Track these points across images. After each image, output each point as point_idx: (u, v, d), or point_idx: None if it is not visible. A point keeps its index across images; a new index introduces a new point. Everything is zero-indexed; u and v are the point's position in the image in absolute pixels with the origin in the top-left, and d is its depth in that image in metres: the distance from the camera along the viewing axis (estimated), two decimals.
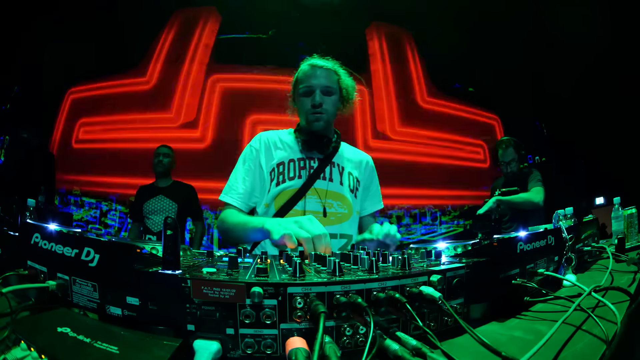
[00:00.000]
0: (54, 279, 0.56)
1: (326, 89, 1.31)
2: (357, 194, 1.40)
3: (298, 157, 1.34)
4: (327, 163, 1.35)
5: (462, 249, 0.81)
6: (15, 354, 0.40)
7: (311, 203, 1.28)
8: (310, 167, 1.33)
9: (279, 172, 1.31)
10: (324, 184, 1.32)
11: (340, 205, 1.33)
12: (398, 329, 0.47)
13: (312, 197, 1.29)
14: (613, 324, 0.52)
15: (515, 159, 2.65)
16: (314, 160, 1.34)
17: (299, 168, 1.32)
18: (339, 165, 1.38)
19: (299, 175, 1.31)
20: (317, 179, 1.31)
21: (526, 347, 0.40)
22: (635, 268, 0.91)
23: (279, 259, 0.77)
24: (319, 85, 1.31)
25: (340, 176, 1.36)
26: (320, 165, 1.33)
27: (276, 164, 1.32)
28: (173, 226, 0.53)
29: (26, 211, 1.11)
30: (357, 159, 1.46)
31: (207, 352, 0.43)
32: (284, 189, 1.29)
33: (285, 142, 1.38)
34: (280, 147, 1.36)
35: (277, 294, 0.45)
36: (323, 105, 1.30)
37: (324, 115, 1.31)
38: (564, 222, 1.12)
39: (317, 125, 1.32)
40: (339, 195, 1.34)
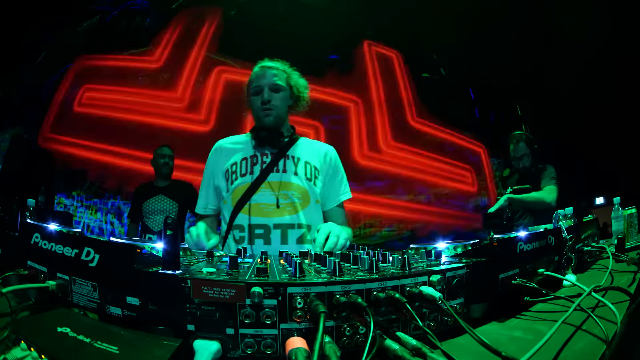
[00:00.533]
0: (54, 279, 0.56)
1: (274, 86, 1.39)
2: (317, 182, 1.40)
3: (250, 155, 1.40)
4: (280, 156, 1.39)
5: (462, 249, 0.81)
6: (15, 354, 0.40)
7: (265, 196, 1.33)
8: (263, 162, 1.38)
9: (232, 172, 1.39)
10: (277, 177, 1.35)
11: (295, 195, 1.34)
12: (398, 329, 0.47)
13: (265, 190, 1.34)
14: (613, 324, 0.52)
15: (527, 154, 2.54)
16: (267, 155, 1.39)
17: (251, 164, 1.38)
18: (293, 157, 1.41)
19: (250, 171, 1.37)
20: (271, 172, 1.35)
21: (526, 347, 0.41)
22: (635, 268, 0.91)
23: (279, 259, 0.77)
24: (267, 83, 1.38)
25: (295, 167, 1.38)
26: (273, 159, 1.38)
27: (230, 165, 1.40)
28: (173, 226, 0.53)
29: (26, 211, 1.11)
30: (317, 150, 1.48)
31: (207, 352, 0.43)
32: (237, 186, 1.35)
33: (239, 144, 1.45)
34: (233, 150, 1.44)
35: (277, 294, 0.45)
36: (272, 102, 1.37)
37: (273, 110, 1.37)
38: (564, 222, 1.12)
39: (268, 120, 1.38)
40: (293, 185, 1.36)
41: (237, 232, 1.34)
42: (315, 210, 1.39)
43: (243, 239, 1.32)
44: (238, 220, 1.33)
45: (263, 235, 1.31)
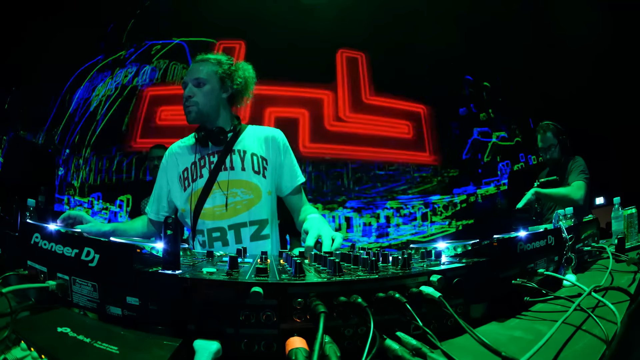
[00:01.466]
0: (54, 279, 0.56)
1: (196, 80, 1.34)
2: (267, 174, 1.36)
3: (198, 158, 1.36)
4: (227, 153, 1.35)
5: (462, 249, 0.81)
6: (15, 354, 0.40)
7: (217, 198, 1.31)
8: (211, 162, 1.35)
9: (184, 178, 1.37)
10: (225, 175, 1.32)
11: (244, 191, 1.32)
12: (398, 329, 0.47)
13: (217, 192, 1.32)
14: (613, 324, 0.52)
15: (554, 145, 2.44)
16: (214, 154, 1.36)
17: (199, 168, 1.35)
18: (239, 151, 1.36)
19: (200, 175, 1.34)
20: (220, 172, 1.33)
21: (526, 347, 0.41)
22: (635, 268, 0.91)
23: (279, 259, 0.77)
24: (190, 79, 1.35)
25: (242, 162, 1.35)
26: (220, 157, 1.34)
27: (182, 171, 1.38)
28: (173, 226, 0.53)
29: (26, 211, 1.11)
30: (262, 137, 1.41)
31: (207, 352, 0.43)
32: (191, 193, 1.33)
33: (186, 148, 1.42)
34: (182, 155, 1.41)
35: (277, 294, 0.45)
36: (193, 98, 1.33)
37: (194, 107, 1.33)
38: (564, 222, 1.12)
39: (189, 118, 1.35)
40: (242, 182, 1.33)
41: (199, 237, 1.34)
42: (268, 203, 1.36)
43: (205, 244, 1.32)
44: (199, 225, 1.33)
45: (220, 238, 1.31)
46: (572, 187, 2.30)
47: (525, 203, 2.30)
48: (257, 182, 1.34)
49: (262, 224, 1.33)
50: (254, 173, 1.34)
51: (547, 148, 2.48)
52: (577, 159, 2.44)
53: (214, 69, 1.37)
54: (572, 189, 2.29)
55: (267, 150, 1.39)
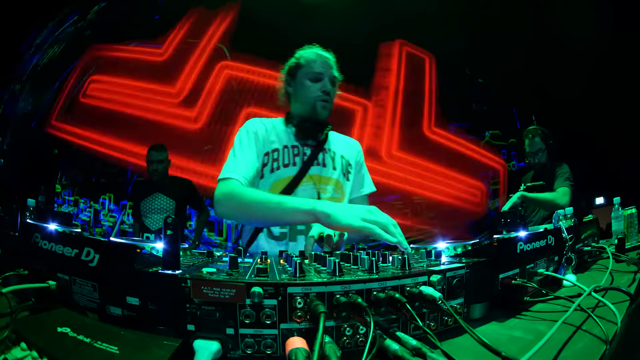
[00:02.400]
0: (54, 279, 0.56)
1: (333, 78, 1.33)
2: (350, 177, 1.39)
3: (292, 144, 1.32)
4: (319, 149, 1.34)
5: (462, 249, 0.81)
6: (15, 354, 0.40)
7: (307, 190, 1.28)
8: (304, 153, 1.32)
9: (274, 159, 1.28)
10: (318, 170, 1.31)
11: (334, 189, 1.32)
12: (398, 329, 0.47)
13: (307, 184, 1.28)
14: (613, 324, 0.52)
15: (542, 149, 2.47)
16: (307, 147, 1.33)
17: (293, 155, 1.30)
18: (330, 150, 1.37)
19: (293, 163, 1.29)
20: (312, 165, 1.30)
21: (526, 347, 0.41)
22: (635, 268, 0.91)
23: (279, 258, 0.77)
24: (328, 73, 1.31)
25: (333, 161, 1.35)
26: (313, 151, 1.32)
27: (271, 150, 1.30)
28: (173, 226, 0.53)
29: (26, 211, 1.11)
30: (346, 142, 1.46)
31: (207, 352, 0.43)
32: (280, 177, 1.27)
33: (277, 129, 1.35)
34: (274, 133, 1.34)
35: (277, 294, 0.45)
36: (331, 94, 1.31)
37: (330, 104, 1.32)
38: (564, 222, 1.12)
39: (324, 113, 1.31)
40: (332, 180, 1.33)
41: (277, 228, 1.27)
42: None
43: (284, 235, 1.26)
44: None
45: (304, 232, 1.24)
46: (557, 192, 2.34)
47: (511, 206, 2.35)
48: (343, 183, 1.36)
49: None
50: (342, 174, 1.36)
51: (535, 152, 2.50)
52: (563, 166, 2.47)
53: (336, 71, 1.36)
54: (558, 194, 2.33)
55: (351, 155, 1.42)
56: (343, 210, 0.88)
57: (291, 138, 1.33)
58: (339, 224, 0.86)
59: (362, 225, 0.82)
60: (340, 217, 0.86)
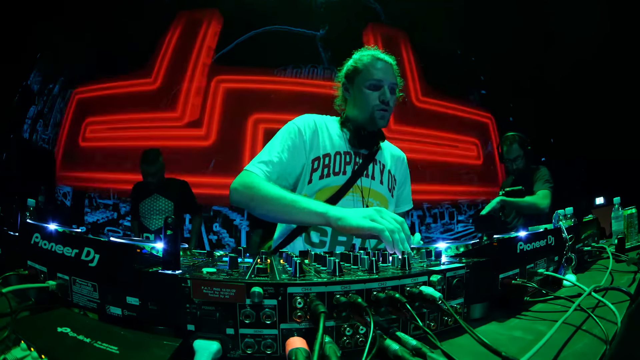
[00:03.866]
0: (54, 279, 0.56)
1: (393, 85, 1.26)
2: (394, 193, 1.36)
3: (344, 151, 1.26)
4: (370, 160, 1.29)
5: (463, 249, 0.81)
6: (15, 354, 0.40)
7: (353, 201, 1.23)
8: (356, 162, 1.26)
9: (324, 165, 1.22)
10: (367, 182, 1.26)
11: (379, 204, 1.27)
12: (398, 329, 0.47)
13: (355, 195, 1.23)
14: (613, 324, 0.52)
15: (521, 156, 2.50)
16: (360, 156, 1.28)
17: (344, 163, 1.24)
18: (380, 163, 1.33)
19: (343, 171, 1.24)
20: (361, 176, 1.26)
21: (526, 347, 0.41)
22: (635, 268, 0.91)
23: (279, 259, 0.77)
24: (388, 81, 1.24)
25: (381, 175, 1.31)
26: (364, 162, 1.27)
27: (322, 155, 1.23)
28: (173, 226, 0.53)
29: (26, 211, 1.11)
30: (395, 156, 1.41)
31: (207, 352, 0.43)
32: (327, 185, 1.22)
33: (332, 132, 1.29)
34: (327, 136, 1.27)
35: (277, 294, 0.45)
36: (390, 104, 1.25)
37: (388, 113, 1.26)
38: (564, 222, 1.12)
39: (382, 123, 1.25)
40: (379, 194, 1.30)
41: (316, 234, 1.22)
42: None
43: (324, 244, 1.21)
44: None
45: (345, 243, 1.21)
46: (537, 195, 2.36)
47: (489, 210, 2.36)
48: (388, 199, 1.32)
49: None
50: (387, 190, 1.32)
51: (514, 159, 2.53)
52: (541, 169, 2.51)
53: (399, 75, 1.30)
54: (538, 197, 2.34)
55: (397, 171, 1.39)
56: (353, 212, 0.89)
57: (345, 144, 1.28)
58: (350, 225, 0.86)
59: (371, 225, 0.83)
60: (351, 219, 0.87)
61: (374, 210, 0.87)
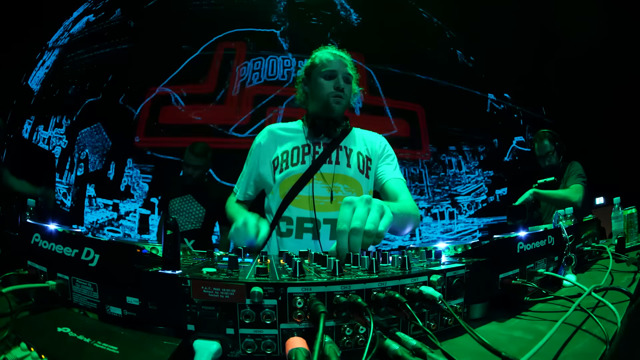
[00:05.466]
0: (54, 279, 0.56)
1: (347, 75, 1.35)
2: (369, 174, 1.37)
3: (302, 144, 1.34)
4: (333, 147, 1.33)
5: (462, 249, 0.81)
6: (15, 354, 0.40)
7: (317, 188, 1.27)
8: (315, 152, 1.32)
9: (282, 160, 1.32)
10: (330, 168, 1.30)
11: (347, 188, 1.30)
12: (398, 329, 0.47)
13: (317, 182, 1.28)
14: (613, 324, 0.52)
15: (552, 151, 2.51)
16: (320, 145, 1.34)
17: (302, 154, 1.32)
18: (346, 148, 1.36)
19: (302, 161, 1.30)
20: (323, 164, 1.30)
21: (526, 347, 0.41)
22: (635, 268, 0.91)
23: (279, 259, 0.77)
24: (342, 71, 1.33)
25: (348, 159, 1.34)
26: (326, 149, 1.32)
27: (280, 153, 1.33)
28: (173, 226, 0.53)
29: (26, 211, 1.11)
30: (368, 139, 1.44)
31: (207, 352, 0.43)
32: (287, 175, 1.29)
33: (290, 132, 1.38)
34: (284, 138, 1.37)
35: (277, 294, 0.45)
36: (344, 91, 1.33)
37: (344, 100, 1.33)
38: (564, 222, 1.12)
39: (338, 108, 1.32)
40: (346, 177, 1.32)
41: (284, 224, 1.28)
42: None
43: (290, 232, 1.27)
44: (286, 212, 1.27)
45: (312, 230, 1.25)
46: (570, 189, 2.34)
47: (522, 201, 2.33)
48: (360, 182, 1.34)
49: None
50: (358, 171, 1.34)
51: (545, 155, 2.53)
52: (574, 164, 2.49)
53: (352, 69, 1.38)
54: (571, 191, 2.33)
55: (371, 151, 1.41)
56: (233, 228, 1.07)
57: (304, 137, 1.35)
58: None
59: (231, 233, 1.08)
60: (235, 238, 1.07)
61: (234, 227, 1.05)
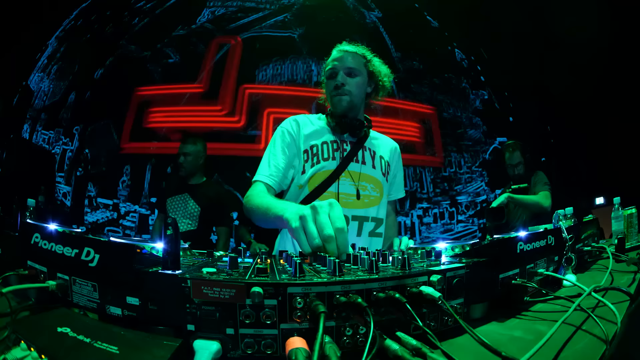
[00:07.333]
0: (54, 279, 0.56)
1: (349, 70, 1.32)
2: (388, 179, 1.41)
3: (331, 140, 1.33)
4: (359, 146, 1.35)
5: (462, 249, 0.81)
6: (15, 354, 0.40)
7: (345, 185, 1.28)
8: (344, 149, 1.32)
9: (313, 154, 1.30)
10: (357, 167, 1.32)
11: (373, 188, 1.33)
12: (398, 329, 0.47)
13: (346, 180, 1.29)
14: (613, 324, 0.52)
15: (522, 162, 2.75)
16: (347, 143, 1.34)
17: (332, 150, 1.31)
18: (370, 150, 1.38)
19: (332, 157, 1.30)
20: (351, 162, 1.31)
21: (526, 347, 0.40)
22: (635, 268, 0.91)
23: (279, 258, 0.77)
24: (342, 66, 1.32)
25: (373, 160, 1.37)
26: (353, 148, 1.33)
27: (310, 146, 1.32)
28: (173, 226, 0.53)
29: (26, 211, 1.11)
30: (387, 144, 1.47)
31: (207, 352, 0.43)
32: (318, 170, 1.28)
33: (316, 125, 1.37)
34: (312, 130, 1.35)
35: (277, 294, 0.45)
36: (345, 86, 1.31)
37: (346, 96, 1.31)
38: (564, 222, 1.12)
39: (340, 106, 1.32)
40: (372, 178, 1.34)
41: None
42: (385, 204, 1.39)
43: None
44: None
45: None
46: (540, 195, 2.60)
47: (498, 204, 2.55)
48: (382, 183, 1.37)
49: (379, 222, 1.35)
50: (381, 174, 1.38)
51: (515, 165, 2.77)
52: (538, 173, 2.75)
53: (363, 61, 1.35)
54: (541, 197, 2.58)
55: (390, 157, 1.45)
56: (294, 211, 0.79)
57: (331, 134, 1.35)
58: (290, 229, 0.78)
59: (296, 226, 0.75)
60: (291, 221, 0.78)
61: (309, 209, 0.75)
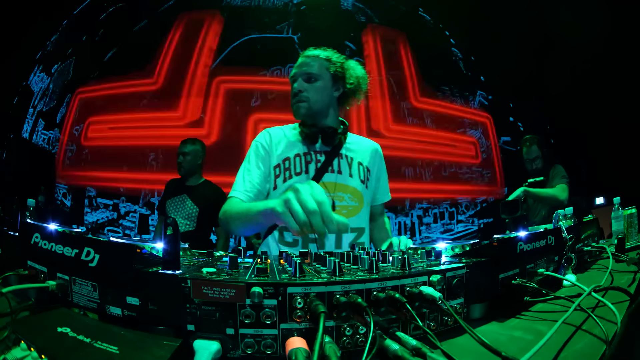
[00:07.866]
0: (54, 279, 0.56)
1: (307, 75, 1.28)
2: (369, 185, 1.35)
3: (304, 152, 1.29)
4: (334, 155, 1.30)
5: (462, 249, 0.81)
6: (15, 354, 0.40)
7: None
8: (317, 160, 1.28)
9: (285, 168, 1.27)
10: (333, 177, 1.27)
11: (350, 197, 1.29)
12: (398, 329, 0.47)
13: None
14: (613, 324, 0.52)
15: (539, 156, 2.70)
16: (321, 153, 1.30)
17: (305, 162, 1.27)
18: (347, 157, 1.32)
19: (305, 170, 1.26)
20: (326, 173, 1.27)
21: (526, 347, 0.41)
22: (635, 268, 0.91)
23: (279, 259, 0.77)
24: (300, 73, 1.29)
25: (350, 168, 1.31)
26: (327, 158, 1.29)
27: (282, 160, 1.28)
28: (173, 226, 0.53)
29: (26, 211, 1.11)
30: (366, 148, 1.40)
31: (207, 352, 0.43)
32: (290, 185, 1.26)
33: (289, 137, 1.33)
34: (285, 142, 1.31)
35: (277, 294, 0.45)
36: (303, 93, 1.26)
37: (304, 102, 1.27)
38: (564, 222, 1.12)
39: (298, 113, 1.28)
40: (349, 187, 1.30)
41: (289, 234, 1.24)
42: (367, 213, 1.35)
43: (296, 243, 1.24)
44: None
45: (317, 240, 1.22)
46: (557, 188, 2.56)
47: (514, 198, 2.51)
48: (361, 191, 1.31)
49: (360, 232, 1.31)
50: (360, 182, 1.32)
51: (533, 159, 2.73)
52: (557, 167, 2.70)
53: (326, 64, 1.31)
54: (558, 190, 2.54)
55: (370, 162, 1.38)
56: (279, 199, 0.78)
57: (303, 145, 1.30)
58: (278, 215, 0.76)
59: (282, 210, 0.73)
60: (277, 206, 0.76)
61: (291, 192, 0.74)
